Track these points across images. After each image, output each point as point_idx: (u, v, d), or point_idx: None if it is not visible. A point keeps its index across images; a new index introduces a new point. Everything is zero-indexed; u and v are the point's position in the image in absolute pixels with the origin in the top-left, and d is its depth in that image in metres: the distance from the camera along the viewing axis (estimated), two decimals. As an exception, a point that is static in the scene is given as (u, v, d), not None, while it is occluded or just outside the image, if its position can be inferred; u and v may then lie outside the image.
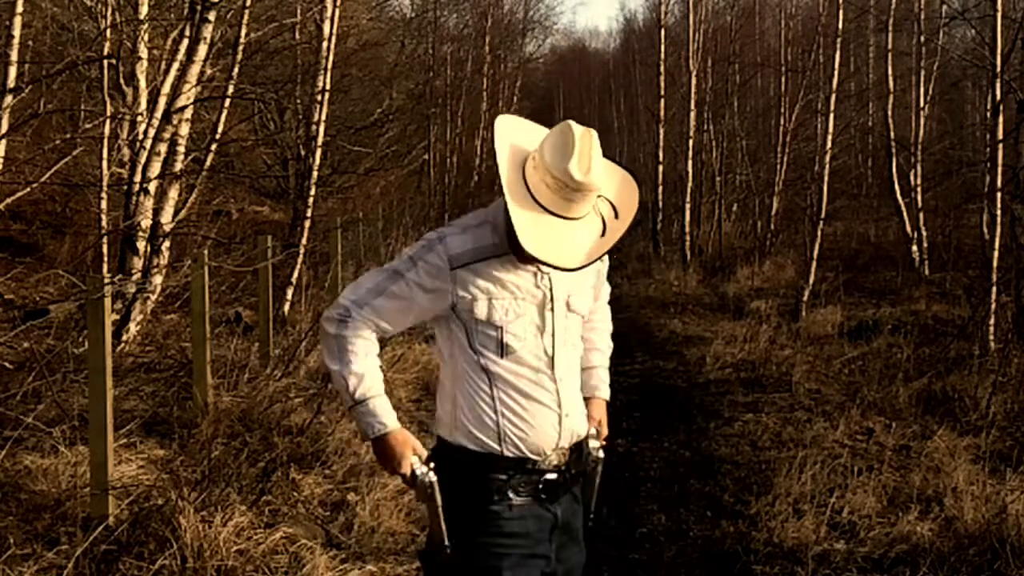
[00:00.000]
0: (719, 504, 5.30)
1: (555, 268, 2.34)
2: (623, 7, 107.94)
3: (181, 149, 7.92)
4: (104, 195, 8.38)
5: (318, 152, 9.88)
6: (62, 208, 12.14)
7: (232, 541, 3.99)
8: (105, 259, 8.11)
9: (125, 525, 4.02)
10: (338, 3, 10.02)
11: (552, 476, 2.42)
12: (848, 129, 17.46)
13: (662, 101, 19.19)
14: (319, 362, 7.09)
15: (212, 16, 7.73)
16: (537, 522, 2.41)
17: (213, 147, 8.90)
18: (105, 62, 8.64)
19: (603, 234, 2.37)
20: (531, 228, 2.27)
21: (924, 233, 14.84)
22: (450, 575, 2.39)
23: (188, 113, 7.93)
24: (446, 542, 2.34)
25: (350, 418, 2.65)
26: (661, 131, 19.16)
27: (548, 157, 2.30)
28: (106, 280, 4.42)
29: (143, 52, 10.43)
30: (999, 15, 8.86)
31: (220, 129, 9.00)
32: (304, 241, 9.50)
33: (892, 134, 15.66)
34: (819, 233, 11.45)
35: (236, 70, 8.99)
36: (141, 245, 7.60)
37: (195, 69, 7.70)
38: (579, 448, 2.51)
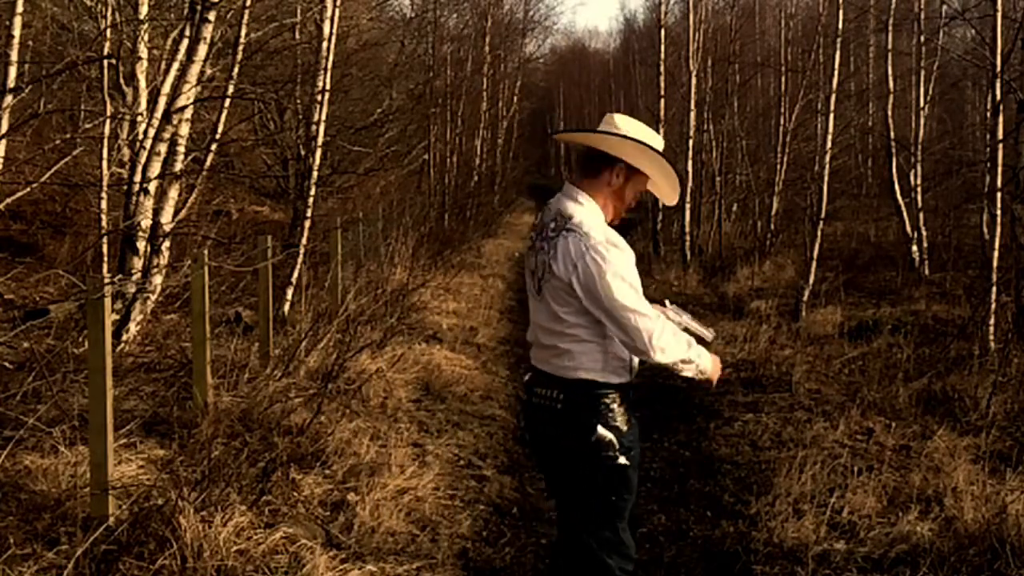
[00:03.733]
0: (719, 504, 5.30)
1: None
2: (623, 7, 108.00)
3: (181, 149, 7.91)
4: (104, 195, 8.38)
5: (318, 152, 9.88)
6: (62, 208, 12.15)
7: (232, 541, 3.98)
8: (105, 259, 8.11)
9: (125, 525, 4.02)
10: (338, 3, 10.01)
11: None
12: (848, 129, 17.47)
13: (662, 101, 19.19)
14: (319, 362, 7.10)
15: (212, 16, 7.73)
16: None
17: (213, 147, 8.89)
18: (105, 62, 8.64)
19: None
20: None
21: (924, 233, 14.84)
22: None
23: (188, 113, 7.92)
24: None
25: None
26: (661, 131, 19.14)
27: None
28: (106, 280, 4.41)
29: (143, 52, 10.45)
30: (999, 15, 8.86)
31: (220, 129, 8.99)
32: (304, 241, 9.48)
33: (892, 134, 15.66)
34: (819, 233, 11.44)
35: (236, 70, 8.98)
36: (141, 245, 7.60)
37: (195, 69, 7.69)
38: None
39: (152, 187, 7.61)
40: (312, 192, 9.75)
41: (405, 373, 7.61)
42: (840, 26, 11.95)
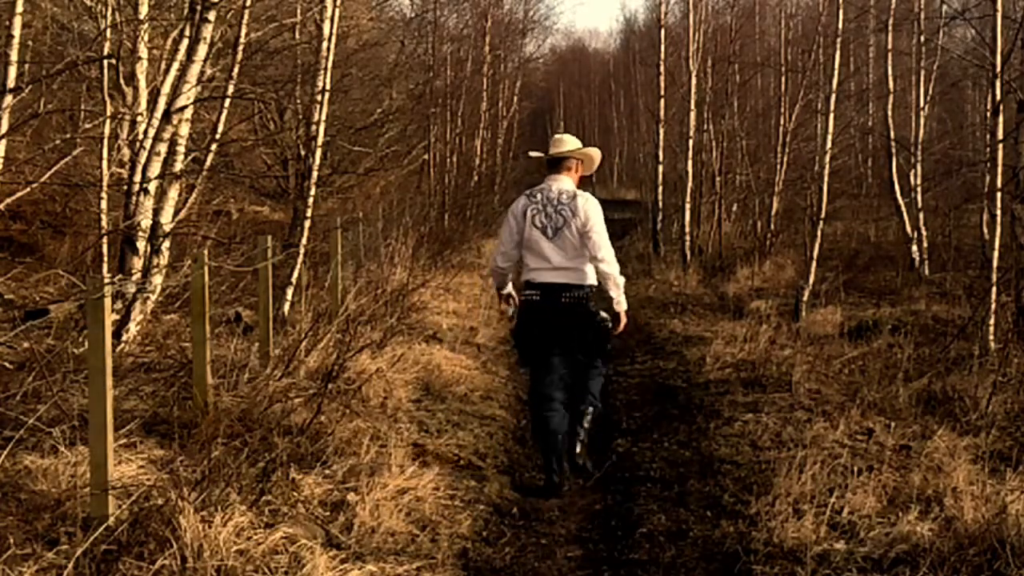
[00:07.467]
0: (719, 504, 5.30)
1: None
2: (623, 7, 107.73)
3: (181, 149, 7.91)
4: (104, 195, 8.38)
5: (318, 152, 9.86)
6: (62, 208, 12.13)
7: (232, 541, 3.99)
8: (105, 259, 8.11)
9: (125, 525, 4.02)
10: (338, 3, 10.00)
11: None
12: (848, 129, 17.45)
13: (662, 101, 19.18)
14: (319, 362, 7.10)
15: (212, 16, 7.72)
16: None
17: (213, 147, 8.89)
18: (105, 62, 8.64)
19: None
20: None
21: (924, 233, 14.84)
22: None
23: (188, 113, 7.92)
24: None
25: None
26: (661, 131, 19.15)
27: None
28: (106, 280, 4.41)
29: (143, 52, 10.44)
30: (999, 15, 8.85)
31: (220, 129, 8.98)
32: (304, 241, 9.48)
33: (892, 134, 15.66)
34: (819, 233, 11.45)
35: (236, 70, 8.96)
36: (141, 245, 7.60)
37: (195, 69, 7.69)
38: None
39: (152, 187, 7.61)
40: (312, 192, 9.73)
41: (405, 373, 7.62)
42: (840, 26, 11.95)
